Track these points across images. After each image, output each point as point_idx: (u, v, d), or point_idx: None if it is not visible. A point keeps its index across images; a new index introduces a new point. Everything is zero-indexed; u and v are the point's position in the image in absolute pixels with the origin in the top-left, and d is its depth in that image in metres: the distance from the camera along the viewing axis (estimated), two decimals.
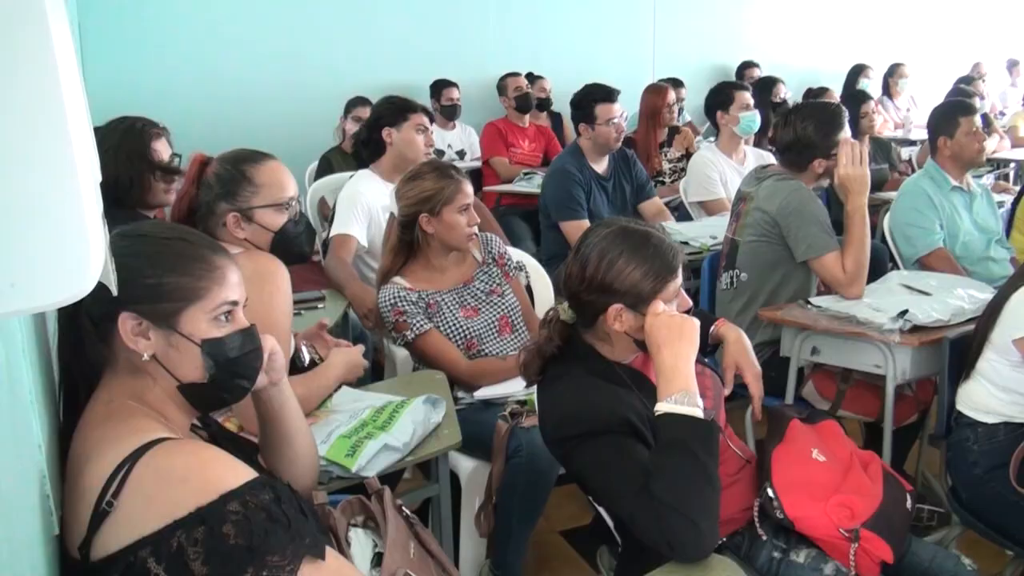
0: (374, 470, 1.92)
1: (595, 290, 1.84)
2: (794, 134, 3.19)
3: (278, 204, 2.30)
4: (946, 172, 3.77)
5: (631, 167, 4.55)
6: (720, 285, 3.37)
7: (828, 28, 8.77)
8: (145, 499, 1.24)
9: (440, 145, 6.25)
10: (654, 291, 1.82)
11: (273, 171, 2.33)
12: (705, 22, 8.06)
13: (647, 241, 1.85)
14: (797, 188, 3.15)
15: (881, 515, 1.91)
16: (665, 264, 1.84)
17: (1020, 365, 2.36)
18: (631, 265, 1.82)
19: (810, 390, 3.04)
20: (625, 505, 1.68)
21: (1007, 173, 6.94)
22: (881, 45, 8.87)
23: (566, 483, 2.32)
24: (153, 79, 5.69)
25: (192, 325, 1.40)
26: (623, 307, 1.83)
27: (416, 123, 3.66)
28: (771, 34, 8.42)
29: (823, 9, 8.76)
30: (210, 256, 1.45)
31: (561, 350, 1.94)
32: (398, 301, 2.73)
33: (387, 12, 6.48)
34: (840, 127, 3.21)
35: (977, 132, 3.73)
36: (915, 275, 3.34)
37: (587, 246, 1.87)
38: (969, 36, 9.73)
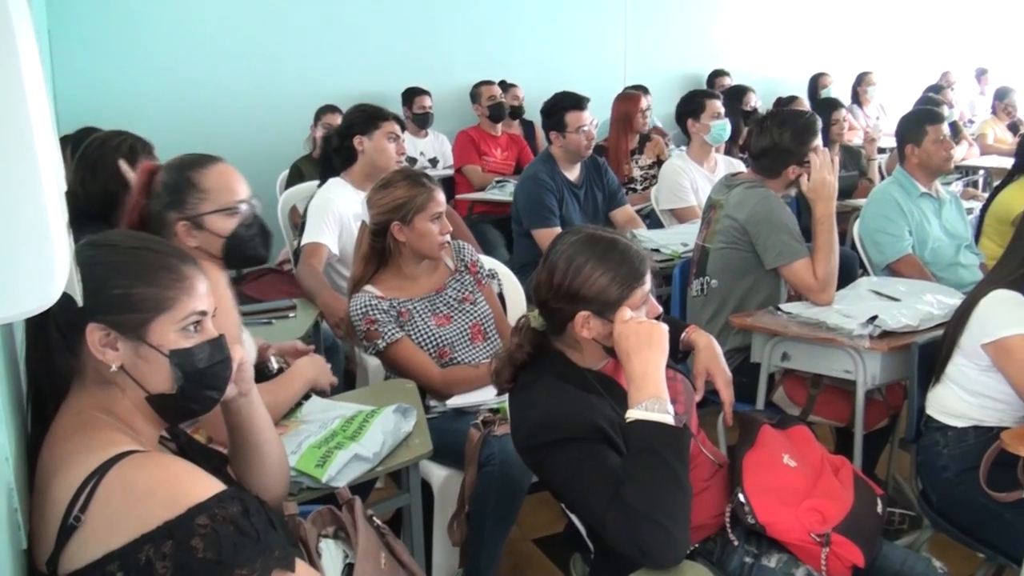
0: (344, 480, 1.92)
1: (563, 297, 1.85)
2: (771, 140, 3.21)
3: (228, 208, 2.24)
4: (915, 179, 3.81)
5: (603, 175, 4.57)
6: (691, 292, 3.39)
7: (797, 37, 8.84)
8: (113, 513, 1.23)
9: (412, 153, 6.24)
10: (621, 297, 1.83)
11: (220, 174, 2.28)
12: (676, 31, 8.10)
13: (614, 248, 1.86)
14: (766, 196, 3.17)
15: (852, 519, 1.92)
16: (632, 270, 1.85)
17: (989, 369, 2.39)
18: (597, 272, 1.82)
19: (781, 396, 3.06)
20: (597, 512, 1.68)
21: (976, 180, 7.03)
22: (850, 54, 8.96)
23: (539, 491, 2.32)
24: (124, 87, 5.65)
25: (160, 336, 1.39)
26: (590, 314, 1.84)
27: (387, 131, 3.65)
28: (740, 43, 8.47)
29: (792, 19, 8.83)
30: (178, 266, 1.44)
31: (532, 357, 1.94)
32: (369, 309, 2.72)
33: (359, 20, 6.47)
34: (815, 135, 3.24)
35: (944, 140, 3.77)
36: (884, 281, 3.37)
37: (555, 253, 1.88)
38: (938, 45, 9.84)
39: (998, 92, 8.17)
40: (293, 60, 6.22)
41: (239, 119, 6.01)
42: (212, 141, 5.70)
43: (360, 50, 6.47)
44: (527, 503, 2.58)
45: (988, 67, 9.90)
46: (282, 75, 6.18)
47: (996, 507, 2.29)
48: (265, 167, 5.70)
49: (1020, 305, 2.34)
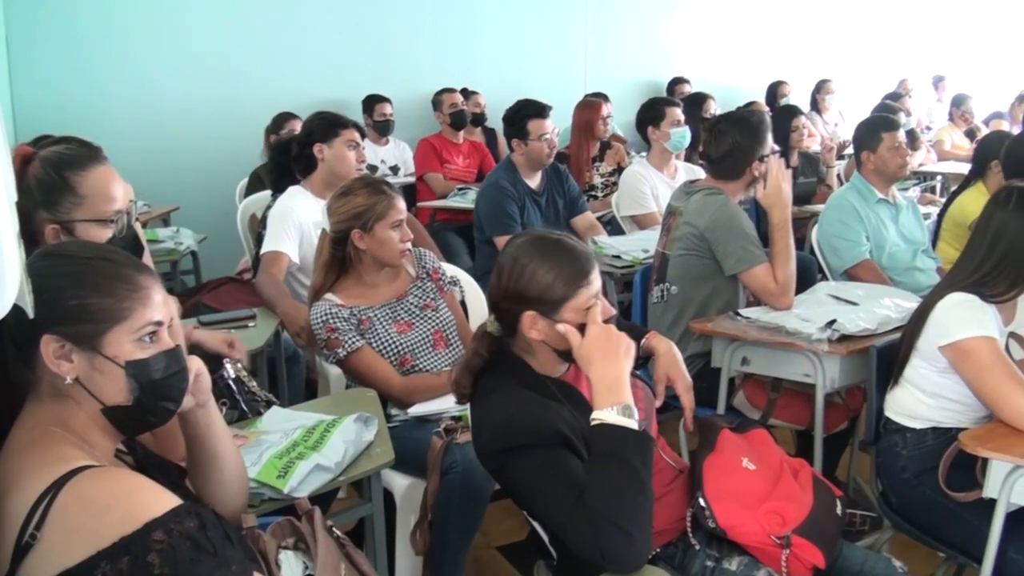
0: (306, 490, 1.90)
1: (509, 298, 1.86)
2: (731, 141, 3.25)
3: (103, 220, 2.12)
4: (871, 185, 3.86)
5: (563, 182, 4.59)
6: (651, 299, 3.41)
7: (756, 45, 8.93)
8: (68, 530, 1.22)
9: (373, 161, 6.22)
10: (565, 296, 1.83)
11: (100, 179, 2.13)
12: (635, 39, 8.14)
13: (559, 247, 1.86)
14: (725, 203, 3.20)
15: (811, 521, 1.94)
16: (575, 270, 1.84)
17: (946, 371, 2.41)
18: (541, 270, 1.83)
19: (741, 400, 3.08)
20: (558, 518, 1.68)
21: (933, 186, 7.13)
22: (809, 61, 9.07)
23: (503, 498, 2.30)
24: (84, 94, 5.60)
25: (116, 347, 1.38)
26: (536, 314, 1.84)
27: (347, 139, 3.64)
28: (700, 51, 8.54)
29: (752, 27, 8.92)
30: (134, 276, 1.43)
31: (490, 363, 1.94)
32: (330, 318, 2.71)
33: (320, 27, 6.44)
34: (768, 129, 3.32)
35: (900, 147, 3.83)
36: (843, 285, 3.40)
37: (503, 255, 1.90)
38: (896, 53, 9.99)
39: (955, 99, 8.31)
40: (253, 67, 6.19)
41: (198, 126, 5.98)
42: (171, 148, 5.75)
43: (320, 57, 6.45)
44: (491, 511, 2.58)
45: (945, 74, 10.06)
46: (242, 82, 6.15)
47: (955, 507, 2.31)
48: (224, 174, 5.69)
49: (976, 308, 2.37)
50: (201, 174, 5.87)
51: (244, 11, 6.15)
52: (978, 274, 2.42)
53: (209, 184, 5.79)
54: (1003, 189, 2.52)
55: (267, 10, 6.23)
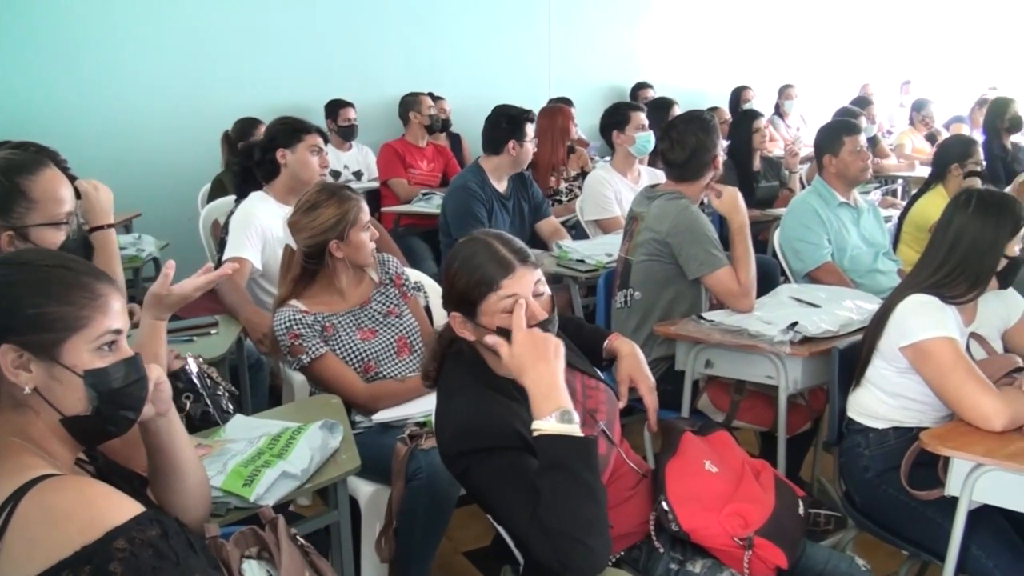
0: (273, 498, 1.89)
1: (444, 297, 1.91)
2: (694, 141, 3.29)
3: (56, 222, 2.16)
4: (833, 189, 3.91)
5: (528, 187, 4.62)
6: (615, 304, 3.42)
7: (720, 51, 9.00)
8: (29, 540, 1.21)
9: (336, 166, 6.20)
10: (479, 299, 1.82)
11: (49, 183, 2.17)
12: (599, 44, 8.17)
13: (485, 249, 1.85)
14: (686, 207, 3.22)
15: (774, 522, 1.95)
16: (491, 273, 1.82)
17: (907, 372, 2.44)
18: (461, 272, 1.84)
19: (705, 402, 3.10)
20: (519, 526, 1.69)
21: (895, 189, 7.21)
22: (772, 67, 9.15)
23: (469, 503, 2.30)
24: (44, 100, 5.52)
25: (74, 356, 1.37)
26: (462, 316, 1.86)
27: (310, 144, 3.61)
28: (663, 56, 8.59)
29: (715, 32, 8.98)
30: (92, 284, 1.41)
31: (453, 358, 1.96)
32: (293, 324, 2.69)
33: (283, 32, 6.40)
34: (718, 124, 3.40)
35: (861, 151, 3.87)
36: (805, 288, 3.44)
37: (448, 254, 1.94)
38: (857, 59, 10.10)
39: (915, 104, 8.42)
40: (216, 72, 6.14)
41: (161, 131, 5.92)
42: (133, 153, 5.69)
43: (283, 62, 6.41)
44: (457, 516, 2.58)
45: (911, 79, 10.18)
46: (205, 87, 6.09)
47: (918, 505, 2.34)
48: (187, 180, 5.63)
49: (936, 309, 2.40)
50: (163, 180, 5.81)
51: (207, 16, 6.10)
52: (938, 275, 2.45)
53: (171, 190, 5.73)
54: (963, 192, 2.56)
55: (230, 15, 6.19)
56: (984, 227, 2.42)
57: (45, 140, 2.99)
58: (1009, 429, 2.19)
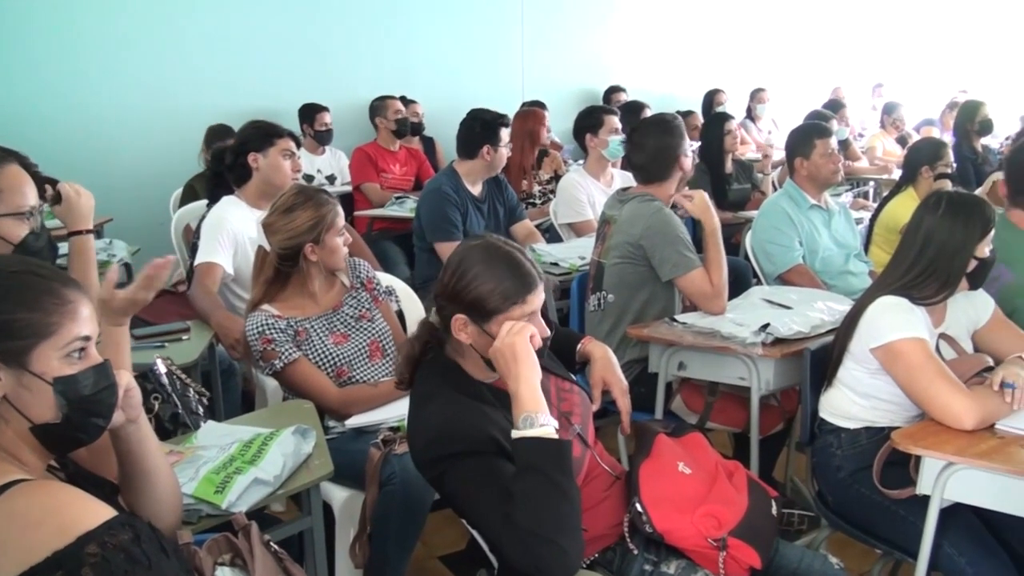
0: (245, 505, 1.88)
1: (447, 297, 1.87)
2: (654, 144, 3.32)
3: (19, 213, 2.18)
4: (804, 191, 3.94)
5: (503, 190, 4.62)
6: (588, 307, 3.43)
7: (692, 55, 9.07)
8: (1, 545, 1.20)
9: (309, 170, 6.18)
10: (497, 310, 1.83)
11: (13, 176, 2.20)
12: (572, 47, 8.21)
13: (507, 261, 1.86)
14: (658, 210, 3.24)
15: (747, 522, 1.96)
16: (515, 287, 1.84)
17: (878, 372, 2.46)
18: (480, 279, 1.83)
19: (679, 404, 3.12)
20: (493, 530, 1.69)
21: (866, 191, 7.28)
22: (744, 70, 9.22)
23: (444, 507, 2.29)
24: (14, 104, 5.45)
25: (44, 363, 1.36)
26: (467, 319, 1.85)
27: (282, 148, 3.59)
28: (636, 60, 8.64)
29: (687, 36, 9.05)
30: (61, 290, 1.40)
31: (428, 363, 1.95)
32: (266, 329, 2.68)
33: (254, 36, 6.37)
34: (682, 126, 3.41)
35: (832, 154, 3.91)
36: (776, 290, 3.46)
37: (455, 253, 1.91)
38: (828, 62, 10.19)
39: (886, 107, 8.50)
40: (186, 76, 6.09)
41: (132, 136, 5.87)
42: (103, 158, 5.64)
43: (255, 65, 6.37)
44: (432, 520, 2.57)
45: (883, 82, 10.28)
46: (175, 91, 6.04)
47: (890, 504, 2.36)
48: (158, 185, 5.59)
49: (906, 310, 2.42)
50: (134, 185, 5.76)
51: (179, 20, 6.04)
52: (908, 277, 2.47)
53: (142, 195, 5.69)
54: (932, 194, 2.58)
55: (200, 19, 6.14)
56: (953, 229, 2.44)
57: (13, 144, 2.96)
58: (979, 428, 2.21)
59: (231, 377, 3.47)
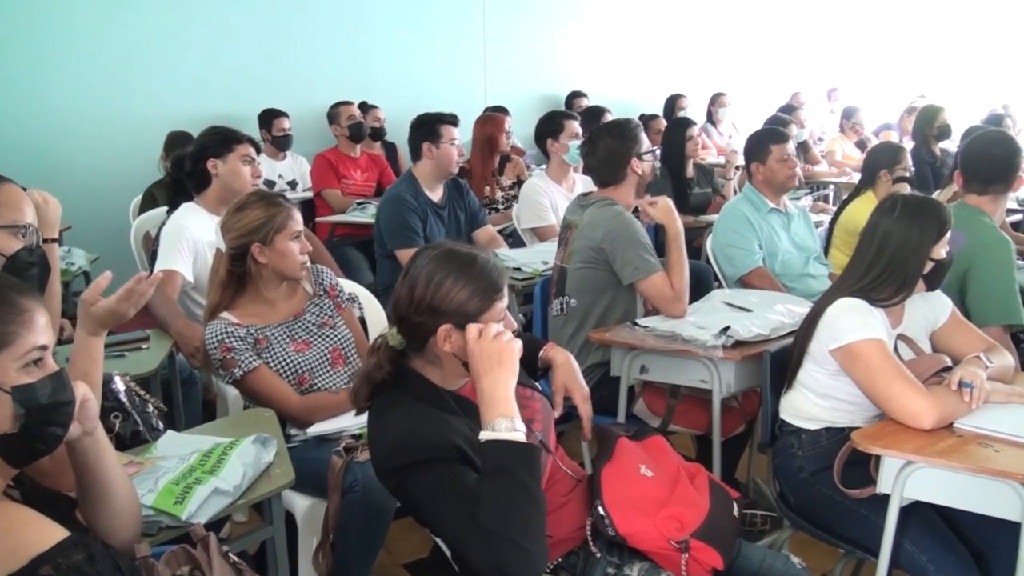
0: (205, 516, 1.86)
1: (424, 312, 1.84)
2: (604, 146, 3.34)
3: (15, 226, 2.20)
4: (763, 195, 3.97)
5: (464, 196, 4.61)
6: (551, 311, 3.44)
7: (653, 60, 9.12)
8: None
9: (270, 176, 6.15)
10: (480, 310, 1.83)
11: (13, 192, 2.24)
12: (534, 53, 8.23)
13: (473, 262, 1.86)
14: (619, 213, 3.25)
15: (709, 524, 1.97)
16: (491, 283, 1.86)
17: (837, 373, 2.48)
18: (458, 285, 1.83)
19: (641, 407, 3.13)
20: (455, 535, 1.68)
21: (826, 195, 7.36)
22: (704, 75, 9.30)
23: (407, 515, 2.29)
24: None
25: (1, 373, 1.34)
26: (452, 327, 1.83)
27: (242, 154, 3.58)
28: (597, 65, 8.68)
29: (648, 41, 9.10)
30: (17, 299, 1.39)
31: (391, 376, 1.93)
32: (225, 337, 2.65)
33: (214, 41, 6.32)
34: (641, 130, 3.43)
35: (788, 159, 3.94)
36: (737, 293, 3.49)
37: (415, 268, 1.87)
38: (788, 67, 10.30)
39: (845, 111, 8.59)
40: (145, 81, 6.04)
41: (89, 143, 5.81)
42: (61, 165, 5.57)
43: (215, 71, 6.33)
44: (396, 527, 2.56)
45: (838, 86, 10.39)
46: (134, 97, 5.99)
47: (851, 503, 2.38)
48: (117, 192, 5.54)
49: (864, 312, 2.44)
50: (93, 192, 5.69)
51: (136, 26, 5.99)
52: (865, 279, 2.50)
53: (102, 202, 5.62)
54: (888, 198, 2.61)
55: (159, 24, 6.09)
56: (909, 231, 2.47)
57: None
58: (938, 427, 2.23)
59: (192, 386, 3.44)
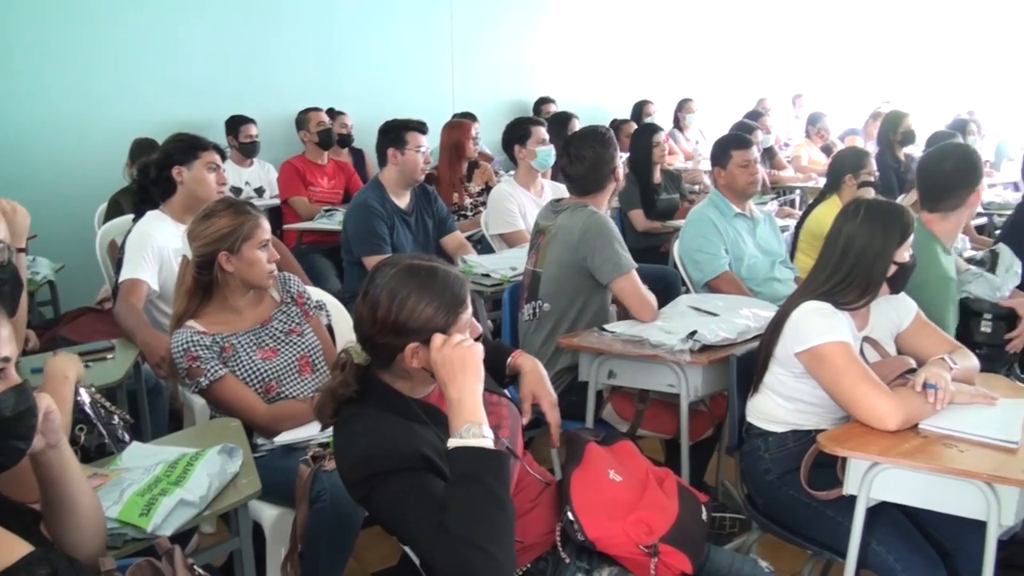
0: (171, 528, 1.84)
1: (389, 332, 1.82)
2: (591, 156, 3.33)
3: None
4: (728, 200, 4.00)
5: (432, 202, 4.60)
6: (522, 317, 3.44)
7: (620, 66, 9.16)
8: None
9: (237, 183, 6.12)
10: (447, 324, 1.83)
11: None
12: (502, 59, 8.24)
13: (435, 277, 1.85)
14: (594, 213, 3.28)
15: (678, 528, 1.98)
16: (454, 297, 1.85)
17: (803, 376, 2.50)
18: (423, 303, 1.81)
19: (610, 412, 3.14)
20: (423, 543, 1.68)
21: (792, 199, 7.42)
22: (672, 81, 9.35)
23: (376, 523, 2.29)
24: None
25: None
26: (419, 344, 1.82)
27: (207, 161, 3.55)
28: (565, 71, 8.70)
29: (615, 48, 9.14)
30: None
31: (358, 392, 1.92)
32: (191, 346, 2.63)
33: (181, 47, 6.26)
34: (614, 137, 3.44)
35: (749, 164, 3.98)
36: (703, 298, 3.51)
37: (375, 287, 1.85)
38: (754, 73, 10.38)
39: (811, 117, 8.68)
40: (111, 87, 5.97)
41: (53, 150, 5.72)
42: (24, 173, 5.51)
43: (181, 77, 6.27)
44: (365, 536, 2.55)
45: (802, 92, 10.48)
46: (99, 104, 5.92)
47: (818, 505, 2.40)
48: (82, 200, 5.48)
49: (829, 315, 2.46)
50: (58, 200, 5.61)
51: (102, 30, 5.92)
52: (830, 283, 2.52)
53: (67, 210, 5.55)
54: (851, 202, 2.64)
55: (125, 29, 6.02)
56: (872, 235, 2.49)
57: None
58: (903, 428, 2.26)
59: (158, 396, 3.41)
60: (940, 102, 10.29)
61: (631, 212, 5.68)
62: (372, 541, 3.05)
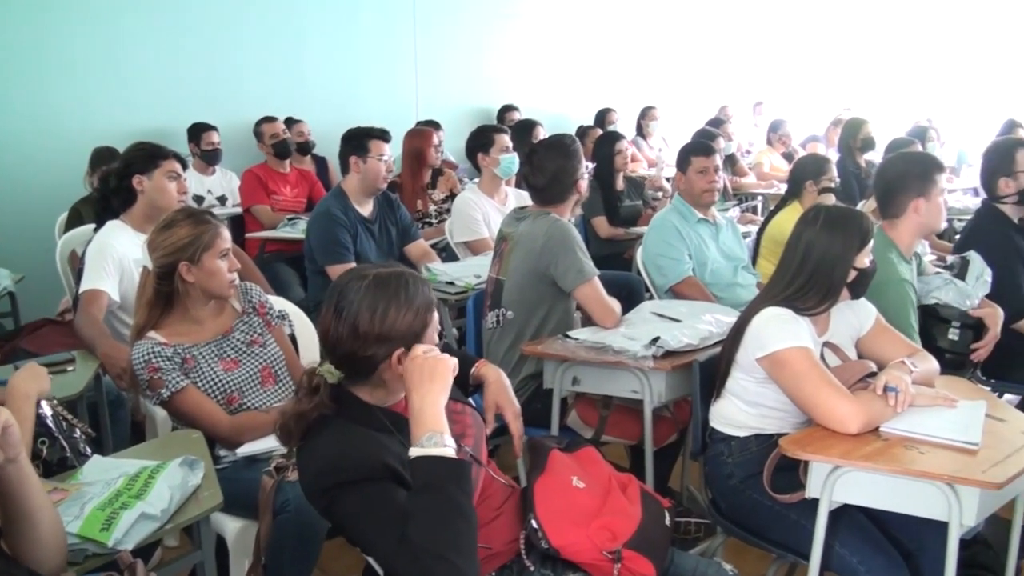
0: (132, 542, 1.82)
1: (373, 343, 1.82)
2: (555, 167, 3.33)
3: None
4: (690, 206, 4.02)
5: (395, 210, 4.59)
6: (486, 324, 3.43)
7: (583, 74, 9.20)
8: None
9: (199, 191, 6.07)
10: (424, 326, 1.86)
11: None
12: (466, 67, 8.26)
13: (404, 283, 1.87)
14: (556, 220, 3.28)
15: (641, 533, 1.99)
16: (425, 299, 1.88)
17: (765, 381, 2.52)
18: (402, 311, 1.83)
19: (574, 419, 3.15)
20: (386, 554, 1.68)
21: (754, 205, 7.49)
22: (634, 89, 9.40)
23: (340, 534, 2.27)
24: None
25: None
26: (403, 350, 1.83)
27: (168, 170, 3.51)
28: (528, 79, 8.73)
29: (578, 56, 9.18)
30: None
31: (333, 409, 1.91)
32: (152, 357, 2.60)
33: (140, 52, 6.21)
34: (580, 149, 3.45)
35: (707, 171, 4.02)
36: (666, 304, 3.53)
37: (350, 304, 1.83)
38: (716, 81, 10.46)
39: (772, 124, 8.77)
40: (71, 95, 5.90)
41: (13, 159, 5.65)
42: None
43: (142, 84, 6.22)
44: (330, 547, 2.53)
45: (763, 100, 10.59)
46: (59, 112, 5.85)
47: (781, 508, 2.41)
48: (41, 209, 5.41)
49: (789, 321, 2.49)
50: (17, 209, 5.56)
51: (60, 39, 5.85)
52: (790, 289, 2.54)
53: (26, 220, 5.49)
54: (811, 209, 2.67)
55: (85, 36, 5.96)
56: (832, 242, 2.52)
57: None
58: (864, 431, 2.28)
59: (119, 408, 3.37)
60: (900, 109, 10.43)
61: (594, 219, 5.70)
62: (336, 552, 3.03)
